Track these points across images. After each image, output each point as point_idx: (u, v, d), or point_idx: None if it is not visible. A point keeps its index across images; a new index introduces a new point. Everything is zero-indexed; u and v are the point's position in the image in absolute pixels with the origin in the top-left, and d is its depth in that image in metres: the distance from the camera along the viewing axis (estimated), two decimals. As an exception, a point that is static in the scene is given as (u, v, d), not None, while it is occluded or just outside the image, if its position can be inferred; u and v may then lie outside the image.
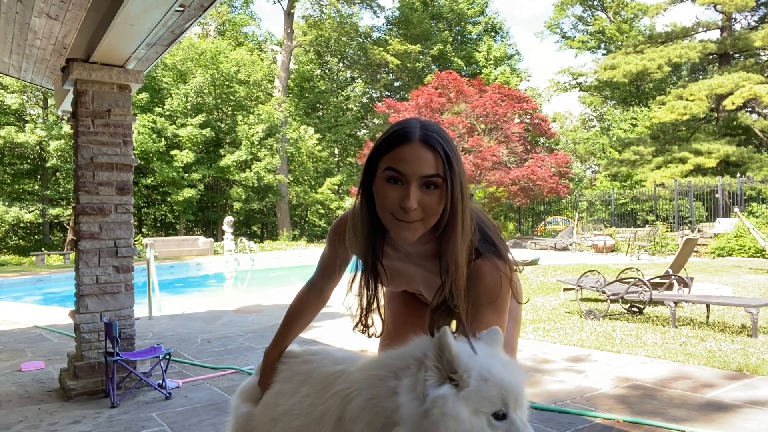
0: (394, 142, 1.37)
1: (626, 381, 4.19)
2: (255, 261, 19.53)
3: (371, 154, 1.41)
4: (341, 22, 33.40)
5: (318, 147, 30.56)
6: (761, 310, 6.24)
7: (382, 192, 1.38)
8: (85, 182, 4.12)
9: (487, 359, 1.20)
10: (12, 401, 4.04)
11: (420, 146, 1.35)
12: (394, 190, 1.35)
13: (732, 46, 26.71)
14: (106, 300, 4.19)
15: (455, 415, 1.11)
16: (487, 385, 1.14)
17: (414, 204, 1.33)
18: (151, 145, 23.07)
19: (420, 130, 1.37)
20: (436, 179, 1.34)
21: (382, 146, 1.39)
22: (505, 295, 1.44)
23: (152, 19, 3.23)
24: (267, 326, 6.79)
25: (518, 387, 1.17)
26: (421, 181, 1.34)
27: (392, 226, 1.38)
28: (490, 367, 1.17)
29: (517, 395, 1.16)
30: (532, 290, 9.68)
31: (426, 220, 1.37)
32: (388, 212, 1.37)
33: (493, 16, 39.56)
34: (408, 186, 1.34)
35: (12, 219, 21.81)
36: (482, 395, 1.13)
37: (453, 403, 1.12)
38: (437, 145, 1.35)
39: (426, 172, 1.34)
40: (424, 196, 1.35)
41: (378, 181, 1.39)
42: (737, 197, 20.45)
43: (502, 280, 1.42)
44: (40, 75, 5.00)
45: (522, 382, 1.18)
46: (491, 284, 1.42)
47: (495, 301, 1.42)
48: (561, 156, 24.47)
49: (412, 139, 1.35)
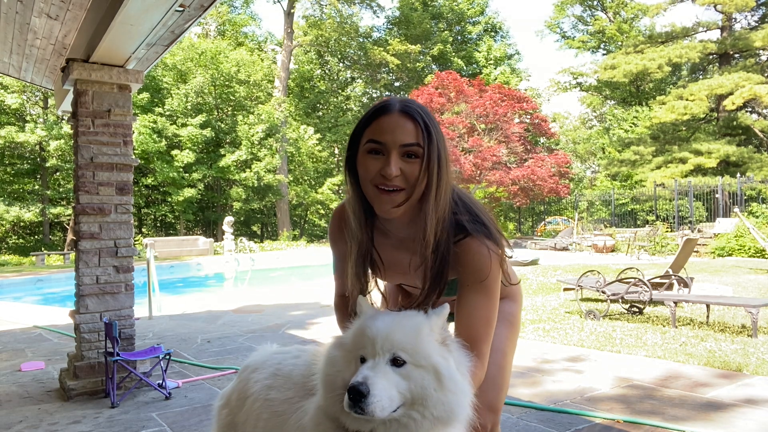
0: (374, 115, 1.40)
1: (626, 381, 4.20)
2: (255, 261, 19.54)
3: (354, 131, 1.44)
4: (341, 22, 33.40)
5: (318, 147, 30.57)
6: (761, 310, 6.24)
7: (363, 164, 1.39)
8: (85, 182, 4.12)
9: (372, 316, 1.33)
10: (12, 401, 4.04)
11: (399, 116, 1.37)
12: (376, 160, 1.38)
13: (732, 46, 26.71)
14: (106, 300, 4.19)
15: (330, 356, 1.34)
16: (357, 334, 1.30)
17: (395, 170, 1.35)
18: (152, 145, 23.08)
19: (399, 103, 1.40)
20: (416, 148, 1.36)
21: (363, 121, 1.42)
22: (494, 277, 1.42)
23: (152, 19, 3.23)
24: (267, 326, 6.79)
25: (379, 335, 1.25)
26: (401, 150, 1.36)
27: (375, 198, 1.40)
28: (367, 321, 1.30)
29: (374, 342, 1.24)
30: (532, 290, 9.68)
31: (408, 190, 1.37)
32: (371, 184, 1.38)
33: (493, 16, 39.58)
34: (389, 155, 1.36)
35: (12, 219, 21.82)
36: (354, 342, 1.30)
37: (330, 347, 1.36)
38: (417, 115, 1.37)
39: (406, 140, 1.35)
40: (404, 165, 1.36)
41: (360, 156, 1.41)
42: (737, 197, 20.45)
43: (491, 260, 1.41)
44: (40, 75, 5.00)
45: (383, 331, 1.25)
46: (479, 263, 1.40)
47: (483, 282, 1.40)
48: (561, 156, 24.47)
49: (391, 110, 1.38)
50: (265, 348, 1.87)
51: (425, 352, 1.24)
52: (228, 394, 1.81)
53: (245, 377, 1.73)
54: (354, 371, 1.24)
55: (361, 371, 1.21)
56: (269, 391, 1.58)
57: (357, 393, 1.15)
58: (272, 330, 6.55)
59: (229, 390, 1.82)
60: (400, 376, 1.21)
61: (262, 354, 1.81)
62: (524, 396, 3.83)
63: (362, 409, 1.15)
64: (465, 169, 21.87)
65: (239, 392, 1.73)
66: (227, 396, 1.81)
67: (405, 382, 1.21)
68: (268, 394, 1.58)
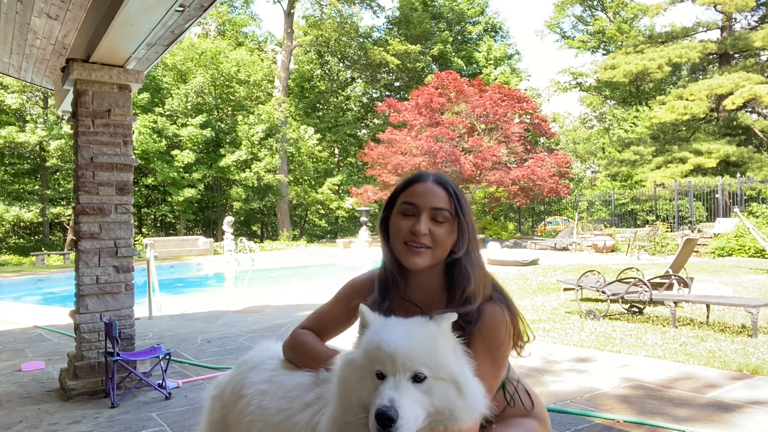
0: (409, 182, 1.58)
1: (627, 381, 4.19)
2: (255, 261, 19.54)
3: (390, 197, 1.61)
4: (341, 22, 33.39)
5: (318, 147, 30.56)
6: (761, 310, 6.24)
7: (395, 224, 1.54)
8: (85, 182, 4.12)
9: (383, 328, 1.29)
10: (12, 401, 4.03)
11: (432, 184, 1.55)
12: (407, 220, 1.51)
13: (732, 46, 26.71)
14: (106, 300, 4.19)
15: (342, 376, 1.30)
16: (370, 349, 1.26)
17: (424, 228, 1.47)
18: (152, 145, 23.08)
19: (433, 174, 1.59)
20: (445, 213, 1.51)
21: (399, 187, 1.59)
22: (506, 347, 1.49)
23: (152, 19, 3.23)
24: (267, 326, 6.79)
25: (398, 353, 1.21)
26: (431, 213, 1.50)
27: (403, 253, 1.51)
28: (381, 336, 1.26)
29: (394, 359, 1.21)
30: (532, 290, 9.68)
31: (434, 250, 1.49)
32: (401, 240, 1.51)
33: (493, 16, 39.57)
34: (419, 215, 1.50)
35: (12, 219, 21.82)
36: (367, 358, 1.26)
37: (341, 368, 1.31)
38: (448, 185, 1.56)
39: (437, 204, 1.51)
40: (433, 226, 1.49)
41: (394, 217, 1.56)
42: (737, 197, 20.45)
43: (507, 328, 1.49)
44: (40, 75, 5.00)
45: (402, 347, 1.22)
46: (495, 326, 1.47)
47: (496, 349, 1.45)
48: (561, 156, 24.46)
49: (425, 179, 1.57)
50: (266, 345, 1.86)
51: (444, 365, 1.25)
52: (223, 385, 1.78)
53: (242, 372, 1.71)
54: (370, 388, 1.23)
55: (385, 393, 1.19)
56: (263, 397, 1.57)
57: (386, 419, 1.14)
58: (272, 330, 6.55)
59: (224, 381, 1.79)
60: (422, 392, 1.21)
61: (261, 352, 1.80)
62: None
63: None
64: (465, 169, 21.84)
65: (234, 386, 1.71)
66: (222, 387, 1.78)
67: (427, 397, 1.21)
68: (261, 400, 1.56)
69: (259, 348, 1.85)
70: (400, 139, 23.65)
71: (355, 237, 25.77)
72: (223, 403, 1.74)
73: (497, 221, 28.68)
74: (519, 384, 1.63)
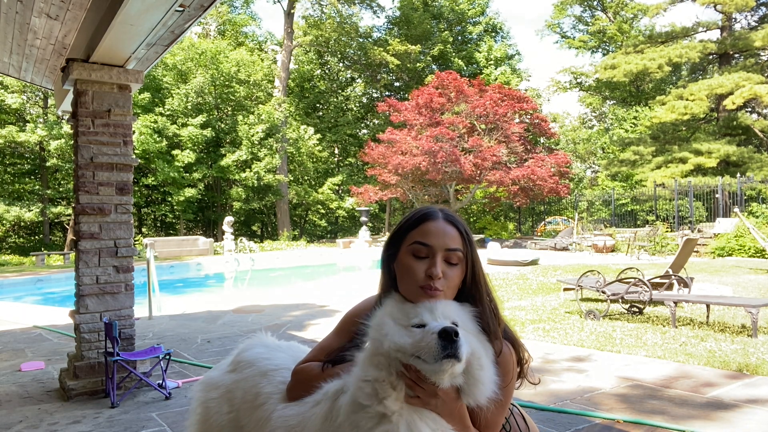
0: (420, 219, 1.51)
1: (627, 381, 4.19)
2: (255, 261, 19.54)
3: (396, 232, 1.53)
4: (341, 22, 33.39)
5: (318, 147, 30.56)
6: (761, 310, 6.24)
7: (407, 265, 1.47)
8: (85, 182, 4.12)
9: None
10: (12, 401, 4.04)
11: (444, 223, 1.50)
12: (421, 262, 1.45)
13: (732, 46, 26.70)
14: (106, 300, 4.19)
15: (378, 322, 1.38)
16: (407, 306, 1.39)
17: (439, 272, 1.43)
18: (152, 145, 23.08)
19: (441, 212, 1.54)
20: (459, 254, 1.46)
21: (407, 224, 1.52)
22: (512, 386, 1.49)
23: (152, 19, 3.23)
24: (267, 326, 6.79)
25: (437, 306, 1.36)
26: (444, 254, 1.45)
27: (418, 297, 1.45)
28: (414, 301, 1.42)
29: (434, 310, 1.35)
30: (532, 290, 9.68)
31: (446, 293, 1.46)
32: (415, 284, 1.44)
33: (494, 16, 39.56)
34: (434, 257, 1.45)
35: (12, 219, 21.82)
36: (405, 313, 1.37)
37: (379, 316, 1.40)
38: (459, 224, 1.52)
39: (451, 245, 1.46)
40: (446, 268, 1.45)
41: (402, 257, 1.48)
42: (737, 197, 20.45)
43: (513, 367, 1.49)
44: (40, 75, 5.00)
45: (440, 304, 1.37)
46: (505, 368, 1.46)
47: (502, 388, 1.43)
48: (561, 156, 24.44)
49: (436, 217, 1.51)
50: (259, 340, 1.82)
51: (470, 326, 1.38)
52: (225, 386, 1.71)
53: (251, 378, 1.65)
54: (410, 334, 1.30)
55: (436, 323, 1.29)
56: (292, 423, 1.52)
57: (451, 332, 1.22)
58: (272, 330, 6.52)
59: (225, 381, 1.72)
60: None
61: (261, 350, 1.76)
62: (527, 396, 3.82)
63: (454, 350, 1.22)
64: (465, 169, 21.84)
65: (245, 392, 1.63)
66: (223, 387, 1.71)
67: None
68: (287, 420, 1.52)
69: (252, 343, 1.81)
70: (401, 139, 23.65)
71: (355, 237, 25.78)
72: (231, 407, 1.67)
73: (497, 221, 28.68)
74: (514, 408, 1.64)
